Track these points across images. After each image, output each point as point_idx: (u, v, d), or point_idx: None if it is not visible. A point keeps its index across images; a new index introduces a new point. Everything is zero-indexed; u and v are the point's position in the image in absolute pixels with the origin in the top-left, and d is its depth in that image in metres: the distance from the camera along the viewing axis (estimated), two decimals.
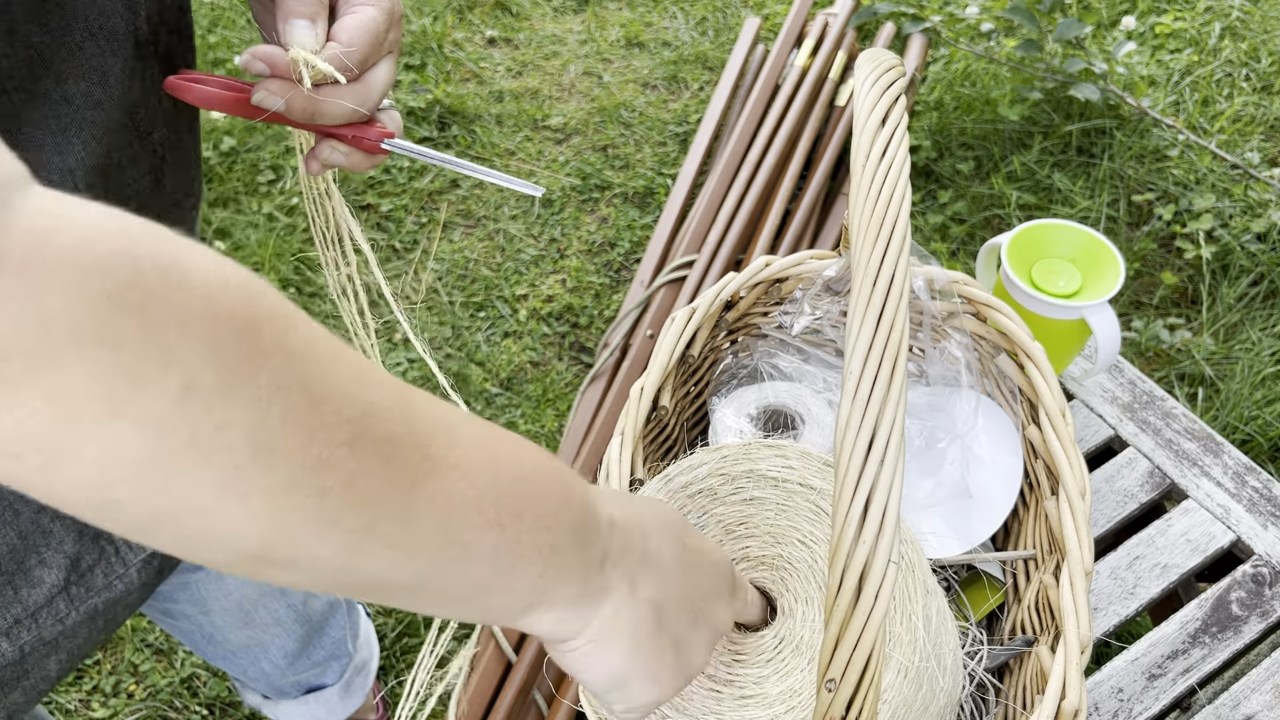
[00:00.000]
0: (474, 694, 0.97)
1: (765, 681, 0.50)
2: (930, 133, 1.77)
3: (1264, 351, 1.41)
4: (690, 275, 1.33)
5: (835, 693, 0.35)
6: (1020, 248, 0.81)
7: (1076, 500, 0.58)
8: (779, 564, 0.52)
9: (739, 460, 0.55)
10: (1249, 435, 1.34)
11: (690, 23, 2.08)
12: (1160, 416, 0.86)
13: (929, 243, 1.63)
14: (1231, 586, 0.76)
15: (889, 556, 0.34)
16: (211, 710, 1.21)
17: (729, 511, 0.54)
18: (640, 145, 1.84)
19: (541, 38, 2.06)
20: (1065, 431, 0.61)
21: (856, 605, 0.34)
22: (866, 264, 0.39)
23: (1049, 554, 0.62)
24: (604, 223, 1.72)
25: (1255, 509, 0.79)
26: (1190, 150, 1.66)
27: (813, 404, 0.72)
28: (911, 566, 0.50)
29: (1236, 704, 0.70)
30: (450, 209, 1.75)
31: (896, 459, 0.35)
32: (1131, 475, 0.82)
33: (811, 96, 1.54)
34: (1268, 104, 1.76)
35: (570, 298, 1.60)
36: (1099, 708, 0.71)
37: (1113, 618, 0.75)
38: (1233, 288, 1.50)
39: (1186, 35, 1.90)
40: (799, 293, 0.73)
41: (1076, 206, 1.63)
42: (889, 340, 0.37)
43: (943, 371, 0.72)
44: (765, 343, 0.76)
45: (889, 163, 0.42)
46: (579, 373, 1.51)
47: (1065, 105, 1.73)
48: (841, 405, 0.37)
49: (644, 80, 1.97)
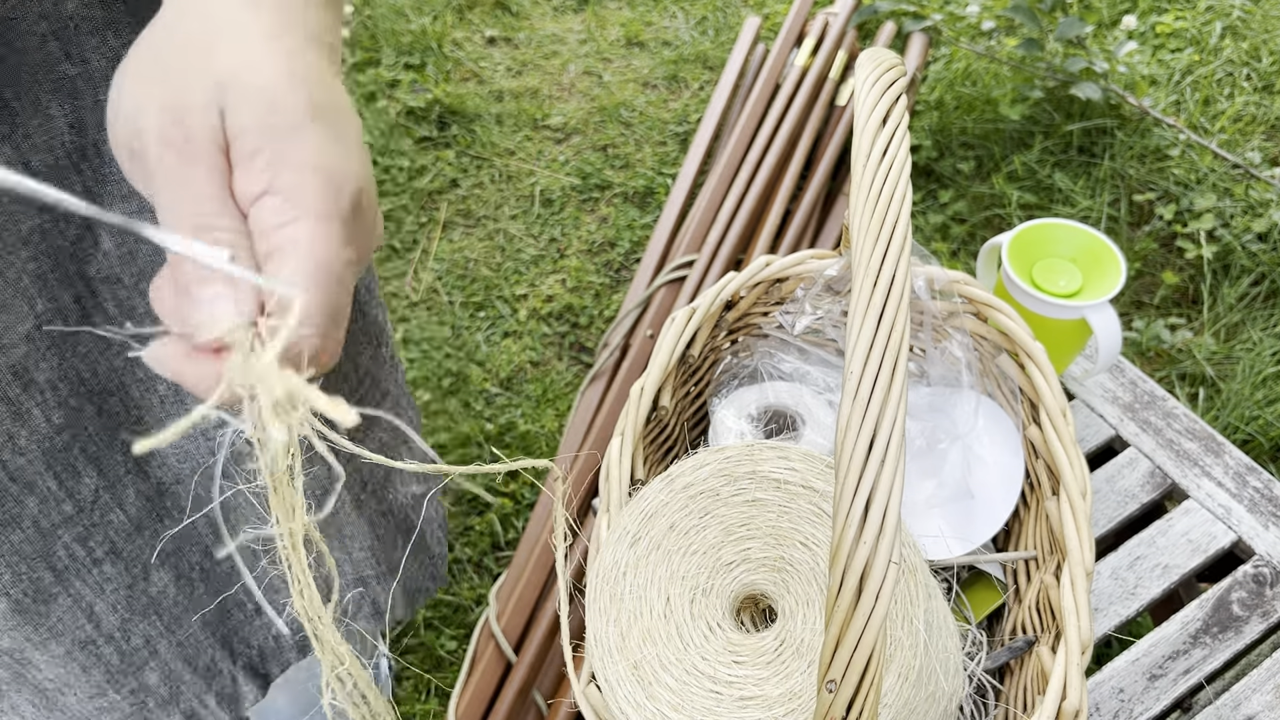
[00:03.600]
0: (474, 694, 0.97)
1: (765, 683, 0.49)
2: (931, 132, 1.77)
3: (1265, 351, 1.41)
4: (690, 275, 1.33)
5: (835, 694, 0.35)
6: (1021, 247, 0.81)
7: (1077, 500, 0.57)
8: (780, 566, 0.52)
9: (741, 461, 0.55)
10: (1250, 435, 1.34)
11: (690, 22, 2.08)
12: (1161, 416, 0.85)
13: (929, 242, 1.63)
14: (1232, 587, 0.75)
15: (889, 557, 0.34)
16: None
17: (731, 512, 0.54)
18: (640, 145, 1.84)
19: (541, 37, 2.06)
20: (1066, 431, 0.61)
21: (857, 606, 0.34)
22: (867, 264, 0.39)
23: (1050, 554, 0.62)
24: (604, 222, 1.72)
25: (1256, 509, 0.79)
26: (1191, 150, 1.65)
27: (813, 404, 0.72)
28: (912, 569, 0.50)
29: (1237, 704, 0.70)
30: (450, 209, 1.74)
31: (897, 459, 0.35)
32: (1132, 475, 0.82)
33: (812, 96, 1.54)
34: (1269, 103, 1.76)
35: (570, 297, 1.60)
36: (1100, 708, 0.71)
37: (1113, 618, 0.75)
38: (1234, 287, 1.50)
39: (1187, 35, 1.90)
40: (800, 292, 0.73)
41: (1077, 206, 1.63)
42: (889, 340, 0.37)
43: (943, 372, 0.72)
44: (765, 343, 0.76)
45: (890, 162, 0.41)
46: (579, 373, 1.51)
47: (1066, 104, 1.73)
48: (842, 405, 0.36)
49: (644, 80, 1.96)
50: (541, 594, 1.04)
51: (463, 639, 1.23)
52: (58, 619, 0.55)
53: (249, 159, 0.31)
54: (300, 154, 0.31)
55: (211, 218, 0.30)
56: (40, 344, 0.48)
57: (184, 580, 0.61)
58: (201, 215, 0.30)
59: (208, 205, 0.30)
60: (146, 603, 0.59)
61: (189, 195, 0.30)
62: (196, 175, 0.31)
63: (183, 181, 0.30)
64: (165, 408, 0.56)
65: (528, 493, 1.36)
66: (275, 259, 0.30)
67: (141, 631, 0.60)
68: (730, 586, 0.53)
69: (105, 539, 0.56)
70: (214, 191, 0.31)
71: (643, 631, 0.52)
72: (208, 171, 0.31)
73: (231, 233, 0.30)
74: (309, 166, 0.31)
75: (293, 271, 0.30)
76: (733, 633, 0.52)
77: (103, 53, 0.45)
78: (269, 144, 0.31)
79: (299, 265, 0.30)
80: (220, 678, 0.66)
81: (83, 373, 0.51)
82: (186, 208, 0.30)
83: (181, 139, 0.31)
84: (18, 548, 0.51)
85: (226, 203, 0.31)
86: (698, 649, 0.51)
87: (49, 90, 0.44)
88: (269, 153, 0.31)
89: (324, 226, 0.31)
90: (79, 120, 0.45)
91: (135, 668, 0.61)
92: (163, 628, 0.61)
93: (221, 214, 0.30)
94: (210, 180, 0.31)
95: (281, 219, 0.30)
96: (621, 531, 0.55)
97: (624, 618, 0.52)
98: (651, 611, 0.52)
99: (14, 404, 0.48)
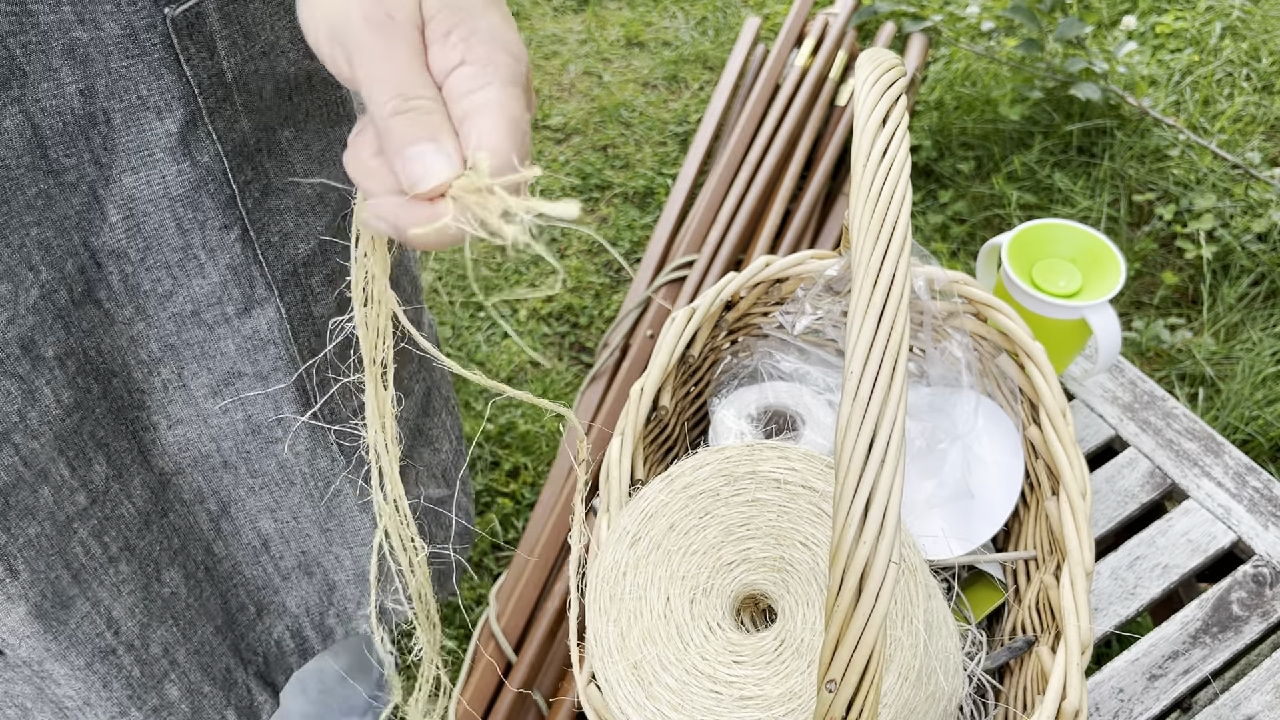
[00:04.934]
0: (474, 694, 0.97)
1: (765, 683, 0.50)
2: (930, 132, 1.77)
3: (1265, 351, 1.41)
4: (690, 275, 1.33)
5: (835, 694, 0.35)
6: (1021, 247, 0.81)
7: (1077, 500, 0.58)
8: (780, 566, 0.52)
9: (742, 461, 0.55)
10: (1250, 435, 1.34)
11: (690, 22, 2.08)
12: (1161, 416, 0.85)
13: (929, 243, 1.63)
14: (1232, 587, 0.76)
15: (889, 557, 0.34)
16: None
17: (731, 513, 0.54)
18: (640, 145, 1.84)
19: (541, 37, 2.06)
20: (1066, 432, 0.61)
21: (857, 606, 0.34)
22: (867, 264, 0.39)
23: (1049, 554, 0.62)
24: (604, 223, 1.72)
25: (1256, 509, 0.79)
26: (1191, 150, 1.65)
27: (813, 404, 0.72)
28: (912, 569, 0.50)
29: (1237, 704, 0.70)
30: None
31: (897, 459, 0.35)
32: (1132, 475, 0.82)
33: (812, 96, 1.54)
34: (1268, 104, 1.76)
35: (570, 298, 1.60)
36: (1099, 708, 0.71)
37: (1113, 618, 0.75)
38: (1233, 288, 1.50)
39: (1187, 35, 1.90)
40: (800, 292, 0.73)
41: (1077, 206, 1.63)
42: (889, 340, 0.37)
43: (943, 372, 0.72)
44: (765, 343, 0.76)
45: (889, 163, 0.41)
46: (579, 373, 1.51)
47: (1066, 105, 1.73)
48: (842, 405, 0.36)
49: (644, 80, 1.96)
50: (541, 594, 1.04)
51: (463, 639, 1.23)
52: (76, 625, 0.55)
53: (444, 36, 0.35)
54: (486, 30, 0.36)
55: (413, 87, 0.34)
56: (47, 315, 0.48)
57: (192, 580, 0.61)
58: (405, 85, 0.34)
59: (409, 76, 0.34)
60: (161, 605, 0.59)
61: (393, 69, 0.34)
62: (398, 50, 0.35)
63: (387, 56, 0.34)
64: (169, 393, 0.56)
65: (528, 493, 1.36)
66: (474, 118, 0.34)
67: (160, 639, 0.60)
68: (730, 586, 0.53)
69: (119, 534, 0.56)
70: (414, 64, 0.35)
71: (643, 631, 0.52)
72: (408, 47, 0.35)
73: (430, 99, 0.34)
74: (495, 41, 0.35)
75: (492, 125, 0.34)
76: (733, 633, 0.52)
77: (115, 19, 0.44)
78: (460, 22, 0.35)
79: (496, 121, 0.34)
80: (237, 689, 0.66)
81: (88, 349, 0.51)
82: (391, 79, 0.34)
83: (385, 17, 0.35)
84: (35, 542, 0.51)
85: (424, 74, 0.35)
86: (698, 649, 0.51)
87: (60, 54, 0.44)
88: (462, 29, 0.35)
89: (512, 90, 0.35)
90: (89, 86, 0.45)
91: (156, 680, 0.60)
92: (179, 633, 0.61)
93: (421, 84, 0.35)
94: (411, 55, 0.35)
95: (476, 84, 0.35)
96: (621, 531, 0.55)
97: (624, 618, 0.52)
98: (651, 611, 0.52)
99: (24, 381, 0.48)
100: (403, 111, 0.34)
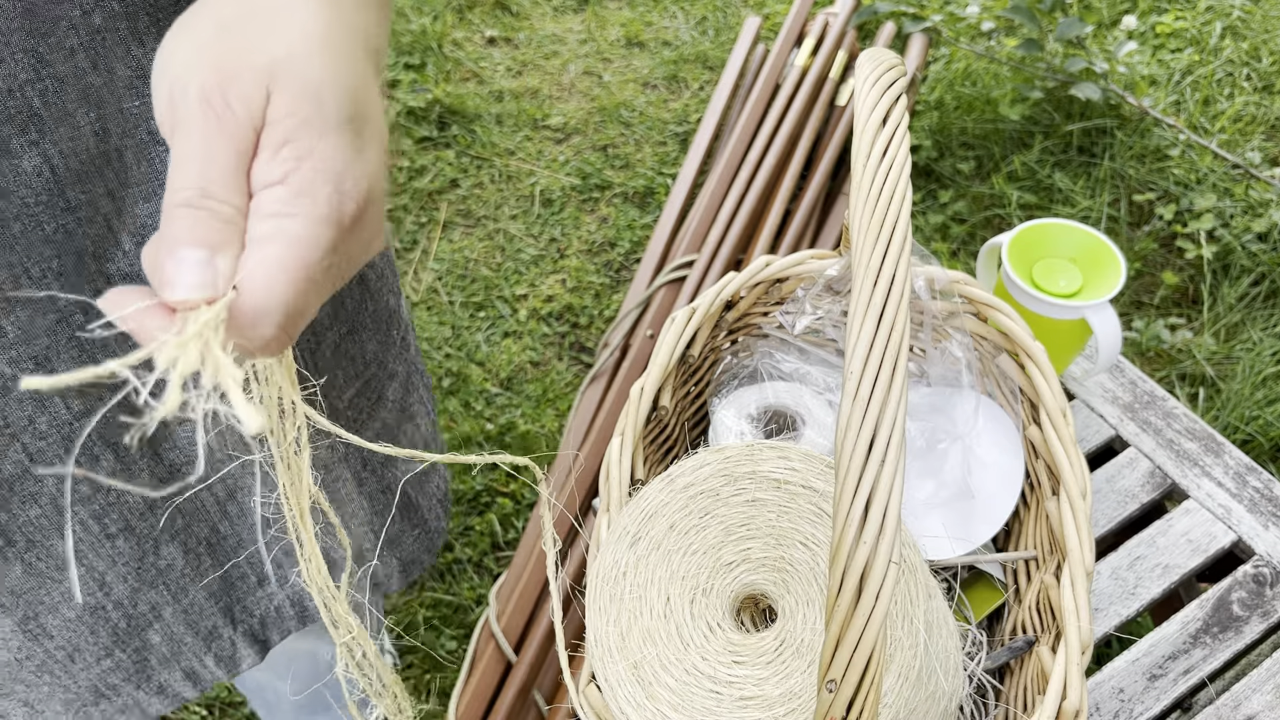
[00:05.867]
0: (474, 694, 0.97)
1: (765, 683, 0.49)
2: (931, 132, 1.77)
3: (1265, 351, 1.41)
4: (690, 275, 1.33)
5: (835, 694, 0.35)
6: (1021, 247, 0.81)
7: (1077, 500, 0.57)
8: (781, 566, 0.52)
9: (742, 461, 0.55)
10: (1250, 435, 1.34)
11: (690, 22, 2.08)
12: (1161, 416, 0.85)
13: (929, 242, 1.63)
14: (1232, 587, 0.75)
15: (889, 557, 0.34)
16: (211, 710, 1.21)
17: (731, 513, 0.54)
18: (640, 145, 1.84)
19: (541, 37, 2.06)
20: (1066, 431, 0.61)
21: (857, 606, 0.34)
22: (867, 264, 0.39)
23: (1050, 554, 0.62)
24: (604, 222, 1.72)
25: (1256, 509, 0.79)
26: (1191, 150, 1.65)
27: (813, 404, 0.72)
28: (912, 569, 0.50)
29: (1237, 704, 0.70)
30: (450, 209, 1.74)
31: (897, 459, 0.35)
32: (1132, 475, 0.82)
33: (812, 96, 1.54)
34: (1268, 103, 1.76)
35: (570, 297, 1.60)
36: (1100, 708, 0.71)
37: (1114, 618, 0.75)
38: (1234, 287, 1.50)
39: (1187, 35, 1.90)
40: (800, 292, 0.73)
41: (1077, 206, 1.63)
42: (889, 340, 0.37)
43: (943, 372, 0.72)
44: (766, 343, 0.76)
45: (890, 162, 0.41)
46: (579, 373, 1.51)
47: (1066, 105, 1.73)
48: (842, 405, 0.36)
49: (644, 80, 1.96)
50: (541, 594, 1.04)
51: (463, 639, 1.23)
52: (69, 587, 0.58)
53: (277, 147, 0.32)
54: (322, 156, 0.32)
55: (218, 187, 0.31)
56: (61, 336, 0.50)
57: (191, 555, 0.63)
58: (210, 180, 0.31)
59: (220, 174, 0.31)
60: (155, 575, 0.62)
61: (205, 159, 0.31)
62: (219, 144, 0.31)
63: (205, 144, 0.31)
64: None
65: (528, 493, 1.36)
66: (262, 246, 0.31)
67: (148, 600, 0.62)
68: (730, 586, 0.53)
69: (120, 516, 0.58)
70: (231, 164, 0.31)
71: (643, 631, 0.52)
72: (232, 144, 0.31)
73: (232, 208, 0.31)
74: (326, 171, 0.32)
75: (274, 262, 0.30)
76: (733, 633, 0.52)
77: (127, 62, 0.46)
78: (298, 138, 0.32)
79: (281, 259, 0.30)
80: (220, 641, 0.69)
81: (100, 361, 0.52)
82: (198, 169, 0.31)
83: (222, 104, 0.31)
84: (35, 521, 0.54)
85: (239, 179, 0.31)
86: (698, 649, 0.51)
87: (75, 99, 0.45)
88: (298, 145, 0.32)
89: (316, 229, 0.31)
90: (104, 127, 0.46)
91: (139, 629, 0.63)
92: (169, 596, 0.63)
93: (229, 188, 0.31)
94: (232, 153, 0.31)
95: (281, 210, 0.31)
96: (621, 531, 0.55)
97: (624, 618, 0.52)
98: (651, 611, 0.52)
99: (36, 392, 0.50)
100: (193, 206, 0.30)
